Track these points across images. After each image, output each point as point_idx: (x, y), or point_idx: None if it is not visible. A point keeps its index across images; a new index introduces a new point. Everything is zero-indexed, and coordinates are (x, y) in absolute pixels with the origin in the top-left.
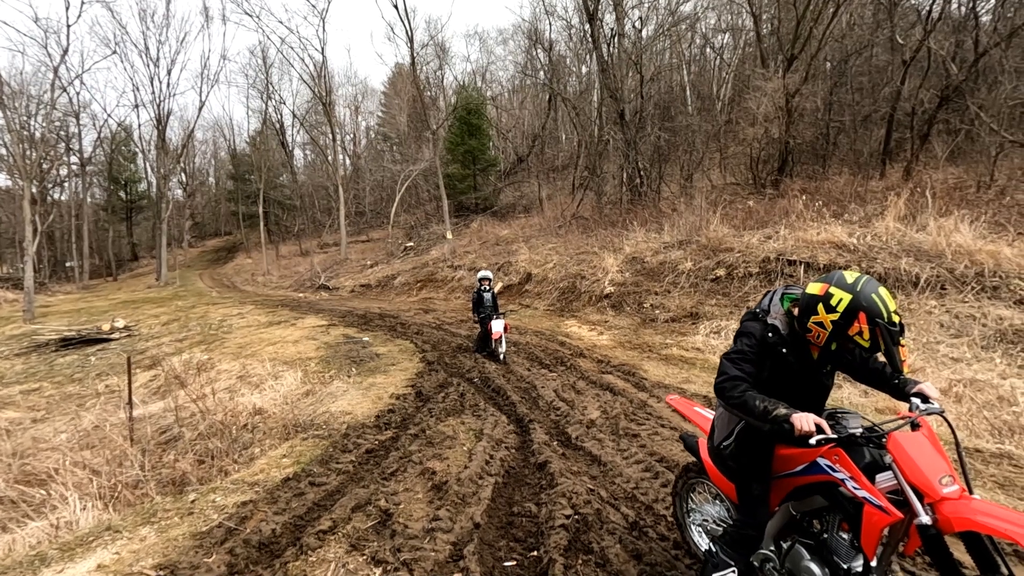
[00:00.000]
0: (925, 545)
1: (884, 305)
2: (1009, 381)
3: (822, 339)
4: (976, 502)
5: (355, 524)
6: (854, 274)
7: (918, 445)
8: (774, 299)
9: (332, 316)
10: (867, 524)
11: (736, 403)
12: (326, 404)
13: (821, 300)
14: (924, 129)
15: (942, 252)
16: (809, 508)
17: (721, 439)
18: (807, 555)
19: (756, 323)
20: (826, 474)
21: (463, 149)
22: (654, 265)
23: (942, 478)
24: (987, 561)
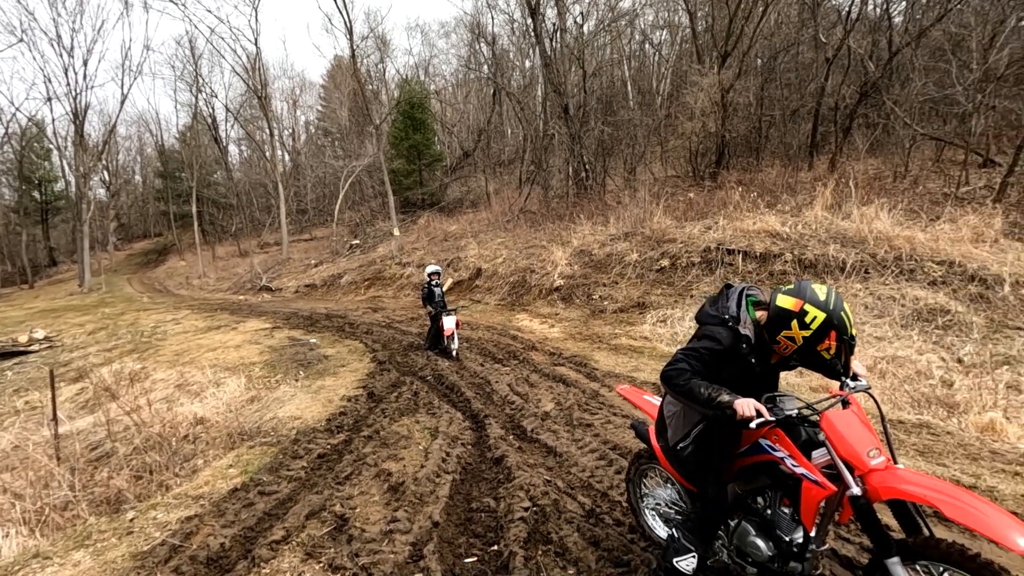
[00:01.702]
0: (856, 514)
1: (849, 322)
2: (925, 356)
3: (789, 350)
4: (900, 471)
5: (310, 531)
6: (822, 288)
7: (848, 422)
8: (741, 306)
9: (276, 318)
10: (805, 498)
11: (682, 390)
12: (273, 410)
13: (796, 316)
14: (846, 123)
15: (865, 238)
16: (753, 487)
17: (677, 440)
18: (753, 531)
19: (726, 331)
20: (767, 454)
21: (408, 144)
22: (601, 257)
23: (870, 451)
24: (911, 524)
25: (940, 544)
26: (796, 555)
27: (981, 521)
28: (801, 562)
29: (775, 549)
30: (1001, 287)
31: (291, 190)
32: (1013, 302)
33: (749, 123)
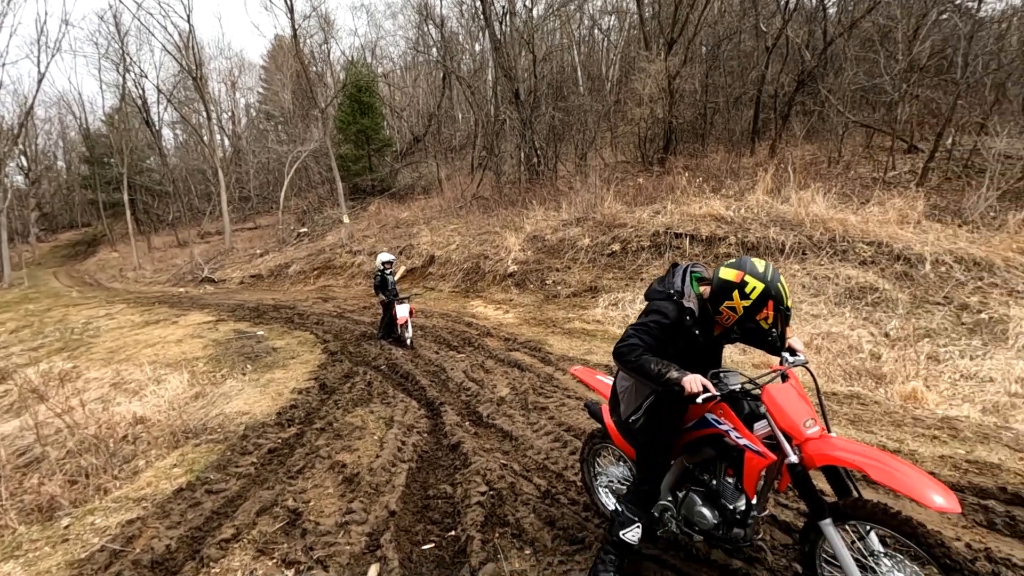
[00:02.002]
0: (793, 480)
1: (785, 293)
2: (856, 332)
3: (731, 321)
4: (833, 439)
5: (261, 528)
6: (761, 262)
7: (786, 395)
8: (685, 281)
9: (220, 311)
10: (748, 468)
11: (633, 366)
12: (219, 405)
13: (736, 287)
14: (785, 110)
15: (802, 222)
16: (700, 459)
17: (629, 413)
18: (700, 501)
19: (671, 304)
20: (713, 427)
21: (355, 128)
22: (554, 242)
23: (806, 421)
24: (843, 488)
25: (867, 505)
26: (739, 522)
27: (902, 482)
28: (744, 528)
29: (720, 517)
30: (923, 265)
31: (232, 176)
32: (933, 279)
33: (695, 109)
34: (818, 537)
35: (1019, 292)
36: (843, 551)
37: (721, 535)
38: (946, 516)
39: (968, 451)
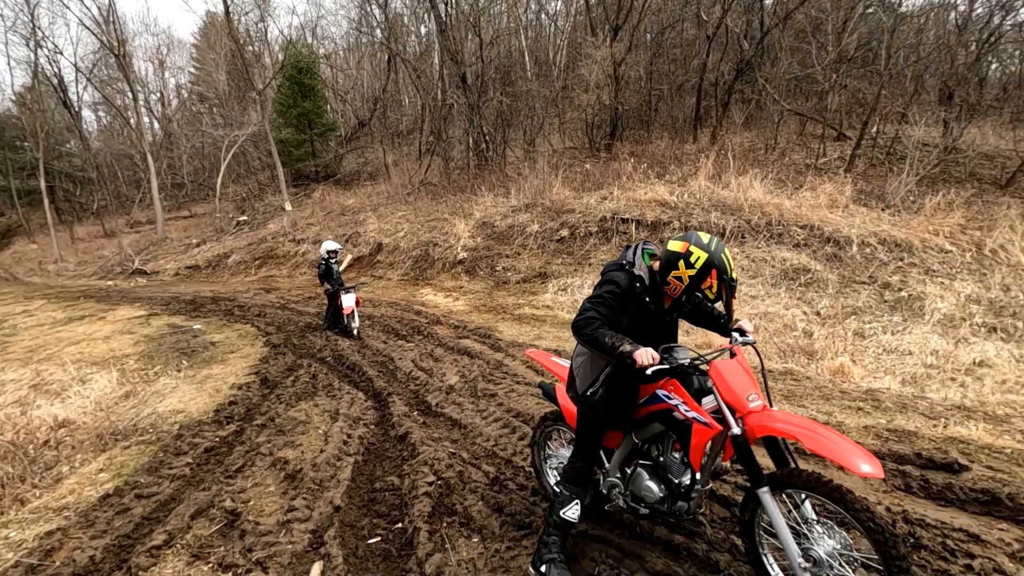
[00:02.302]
0: (736, 451)
1: (728, 263)
2: (791, 311)
3: (678, 291)
4: (773, 412)
5: (196, 532)
6: (707, 235)
7: (732, 370)
8: (636, 253)
9: (153, 304)
10: (695, 440)
11: (589, 338)
12: (152, 404)
13: (682, 257)
14: (725, 98)
15: (741, 206)
16: (649, 435)
17: (586, 386)
18: (647, 476)
19: (622, 273)
20: (663, 402)
21: (296, 112)
22: (504, 228)
23: (749, 395)
24: (781, 459)
25: (802, 474)
26: (684, 495)
27: (833, 450)
28: (688, 501)
29: (666, 491)
30: (850, 247)
31: (163, 162)
32: (859, 260)
33: (640, 96)
34: (757, 506)
35: (934, 271)
36: (779, 518)
37: (666, 509)
38: (870, 482)
39: (888, 420)
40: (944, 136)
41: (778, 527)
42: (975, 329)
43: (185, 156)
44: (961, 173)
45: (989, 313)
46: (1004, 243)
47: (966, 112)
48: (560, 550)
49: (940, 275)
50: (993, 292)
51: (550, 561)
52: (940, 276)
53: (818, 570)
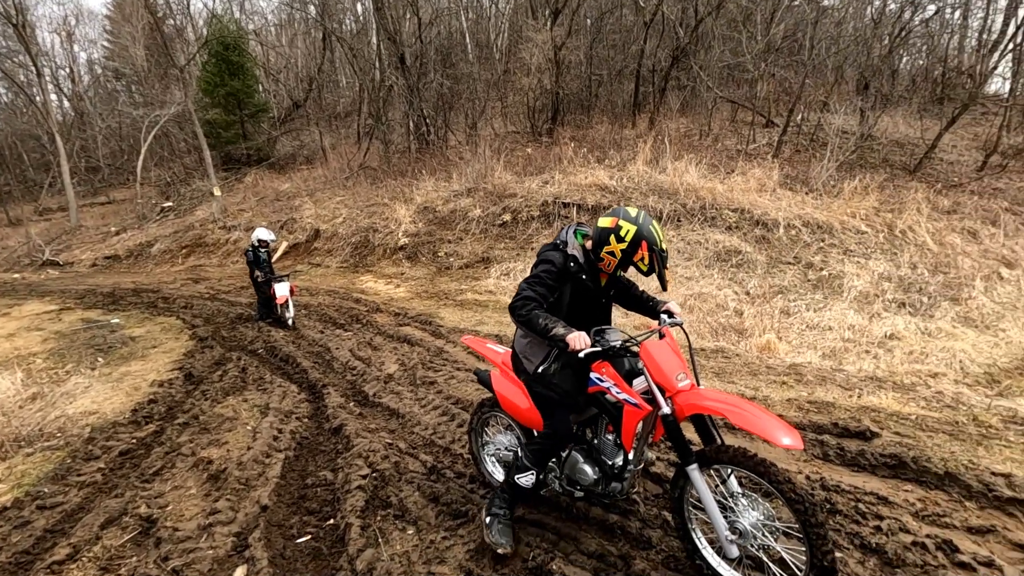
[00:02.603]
0: (666, 430)
1: (658, 235)
2: (723, 292)
3: (612, 266)
4: (700, 391)
5: (106, 542)
6: (635, 209)
7: (661, 350)
8: (569, 233)
9: (65, 298)
10: (626, 420)
11: (523, 320)
12: (61, 406)
13: (612, 232)
14: (662, 84)
15: (677, 190)
16: (584, 418)
17: (537, 365)
18: (582, 459)
19: (557, 253)
20: (596, 385)
21: (224, 91)
22: (445, 213)
23: (678, 375)
24: (708, 436)
25: (728, 450)
26: (617, 476)
27: (756, 424)
28: (621, 482)
29: (600, 473)
30: (777, 229)
31: (75, 143)
32: (785, 241)
33: (580, 81)
34: (686, 483)
35: (851, 251)
36: (707, 493)
37: (601, 490)
38: (792, 452)
39: (809, 393)
40: (861, 124)
41: (706, 502)
42: (887, 305)
43: (100, 137)
44: (875, 159)
45: (899, 290)
46: (912, 224)
47: (880, 102)
48: (509, 509)
49: (857, 255)
50: (902, 270)
51: (495, 516)
52: (857, 256)
53: (743, 541)
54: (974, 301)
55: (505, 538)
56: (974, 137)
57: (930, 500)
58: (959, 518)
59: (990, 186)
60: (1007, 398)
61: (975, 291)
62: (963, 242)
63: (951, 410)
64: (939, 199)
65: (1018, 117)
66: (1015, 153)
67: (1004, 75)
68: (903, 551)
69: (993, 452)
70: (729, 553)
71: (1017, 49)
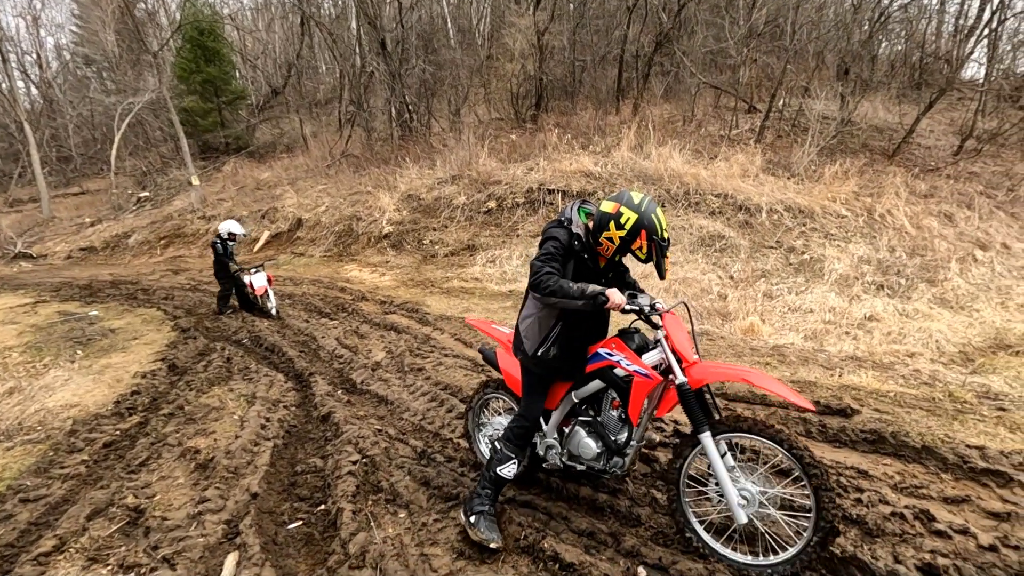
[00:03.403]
0: (681, 400)
1: (660, 224)
2: (707, 276)
3: (610, 251)
4: (708, 363)
5: (93, 533)
6: (639, 194)
7: (678, 324)
8: (574, 211)
9: (40, 291)
10: (635, 393)
11: (553, 290)
12: (40, 400)
13: (613, 218)
14: (645, 70)
15: (661, 176)
16: (588, 393)
17: (536, 347)
18: (585, 434)
19: (562, 230)
20: (605, 359)
21: (200, 78)
22: (430, 201)
23: (691, 348)
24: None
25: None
26: (620, 451)
27: (774, 388)
28: (623, 457)
29: (603, 448)
30: (760, 214)
31: (46, 132)
32: (768, 226)
33: (564, 67)
34: (691, 453)
35: (832, 235)
36: (718, 460)
37: (602, 466)
38: None
39: (792, 373)
40: (841, 109)
41: (717, 470)
42: (866, 287)
43: (71, 126)
44: (855, 144)
45: (878, 272)
46: (891, 208)
47: (860, 87)
48: (492, 503)
49: (837, 238)
50: (881, 253)
51: (480, 513)
52: (837, 239)
53: (749, 508)
54: (950, 283)
55: (494, 532)
56: (950, 122)
57: (908, 473)
58: (935, 489)
59: (965, 170)
60: (981, 375)
61: (951, 273)
62: (939, 225)
63: (928, 387)
64: (916, 183)
65: (993, 102)
66: (989, 138)
67: (979, 60)
68: (883, 521)
69: (968, 426)
70: (739, 518)
71: (992, 34)
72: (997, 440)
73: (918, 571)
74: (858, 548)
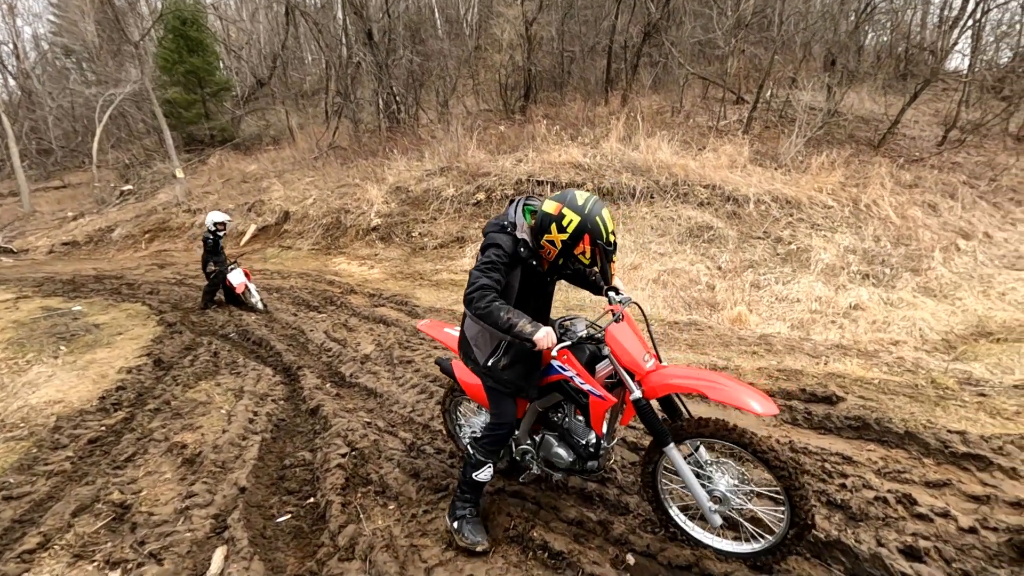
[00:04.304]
0: (638, 413)
1: (604, 227)
2: (695, 266)
3: (552, 255)
4: (667, 369)
5: (79, 529)
6: (584, 194)
7: (624, 334)
8: (518, 212)
9: (22, 286)
10: (593, 411)
11: (483, 313)
12: (23, 396)
13: (555, 220)
14: (634, 61)
15: (650, 167)
16: (550, 403)
17: (487, 357)
18: (555, 443)
19: (506, 236)
20: (558, 373)
21: (184, 69)
22: (419, 193)
23: (644, 356)
24: (673, 409)
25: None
26: (592, 455)
27: (733, 397)
28: (596, 460)
29: (574, 454)
30: (748, 205)
31: (24, 124)
32: (756, 217)
33: (553, 58)
34: (660, 458)
35: (819, 225)
36: (685, 468)
37: (578, 469)
38: (763, 418)
39: (779, 362)
40: (828, 100)
41: (685, 477)
42: (852, 276)
43: (51, 118)
44: (842, 135)
45: (863, 262)
46: (876, 198)
47: (846, 78)
48: (473, 506)
49: (824, 229)
50: (866, 243)
51: (462, 518)
52: (824, 230)
53: (724, 507)
54: (933, 272)
55: (479, 535)
56: (935, 113)
57: (891, 458)
58: (918, 474)
59: (949, 160)
60: (962, 362)
61: (934, 262)
62: (923, 215)
63: (911, 374)
64: (901, 173)
65: (976, 93)
66: (973, 128)
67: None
68: (866, 505)
69: (949, 412)
70: (713, 523)
71: (976, 25)
72: (977, 425)
73: (900, 554)
74: (842, 532)
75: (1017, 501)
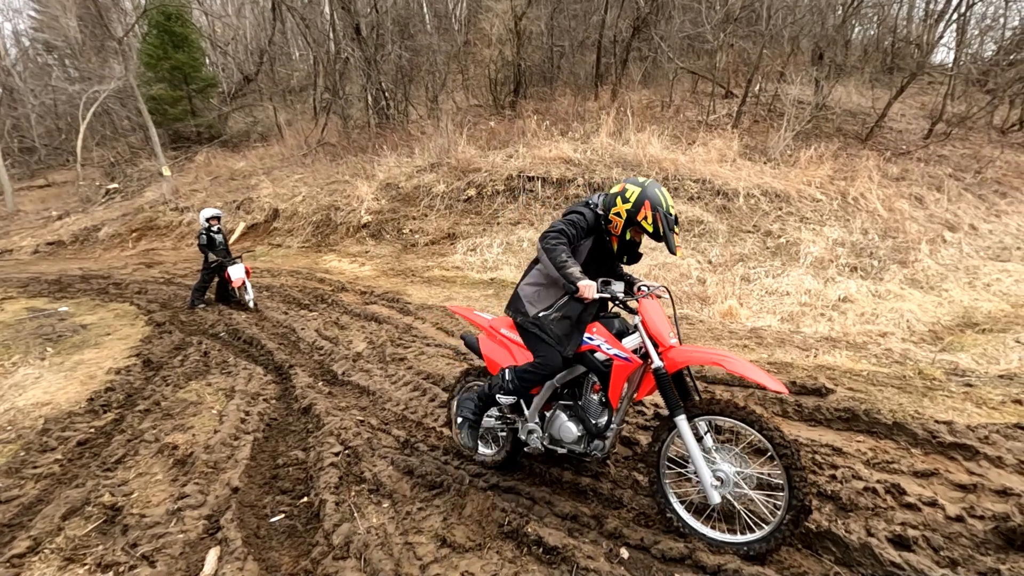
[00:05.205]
0: (657, 383)
1: (664, 198)
2: (686, 260)
3: (619, 228)
4: (686, 347)
5: (69, 532)
6: (643, 177)
7: (655, 309)
8: (600, 197)
9: (7, 287)
10: (615, 376)
11: (549, 247)
12: (10, 399)
13: (619, 195)
14: (624, 55)
15: (641, 162)
16: (569, 377)
17: (539, 310)
18: (566, 418)
19: (587, 209)
20: (586, 344)
21: (168, 65)
22: (409, 190)
23: (670, 333)
24: (685, 391)
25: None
26: (600, 434)
27: (749, 372)
28: (604, 440)
29: (583, 431)
30: (737, 199)
31: (6, 122)
32: (745, 211)
33: (542, 53)
34: (668, 435)
35: (807, 218)
36: (692, 441)
37: (583, 449)
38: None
39: (769, 354)
40: (816, 94)
41: (692, 451)
42: (840, 269)
43: (34, 116)
44: (830, 128)
45: (852, 254)
46: (864, 191)
47: (834, 72)
48: (478, 416)
49: (812, 222)
50: (855, 236)
51: (465, 420)
52: (812, 223)
53: (724, 489)
54: (920, 264)
55: (472, 441)
56: (921, 106)
57: (880, 449)
58: (906, 464)
59: (935, 153)
60: (949, 353)
61: (921, 254)
62: (910, 207)
63: (899, 366)
64: (889, 166)
65: (961, 86)
66: (958, 121)
67: (949, 45)
68: (856, 496)
69: (937, 402)
70: (712, 499)
71: (961, 19)
72: (964, 415)
73: (890, 543)
74: (832, 523)
75: (1003, 489)
